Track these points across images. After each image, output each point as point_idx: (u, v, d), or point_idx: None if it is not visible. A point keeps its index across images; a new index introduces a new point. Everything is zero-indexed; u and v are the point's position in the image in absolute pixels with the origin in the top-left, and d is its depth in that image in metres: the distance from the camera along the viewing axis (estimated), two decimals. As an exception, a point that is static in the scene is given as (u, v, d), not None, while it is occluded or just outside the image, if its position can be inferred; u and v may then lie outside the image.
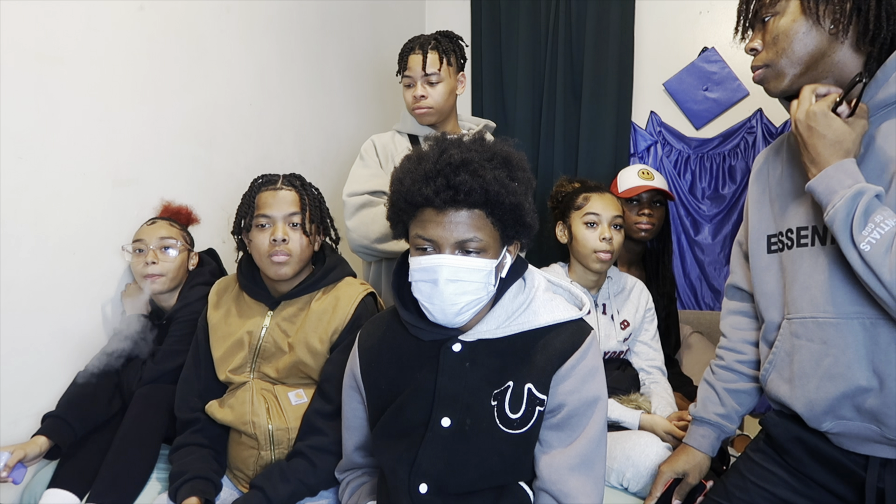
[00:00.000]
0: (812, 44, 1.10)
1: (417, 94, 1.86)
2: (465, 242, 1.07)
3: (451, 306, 1.09)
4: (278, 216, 1.42)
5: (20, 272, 1.47)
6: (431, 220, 1.08)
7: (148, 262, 1.64)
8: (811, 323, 1.12)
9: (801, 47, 1.10)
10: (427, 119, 1.90)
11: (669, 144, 2.77)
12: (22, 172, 1.46)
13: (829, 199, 1.03)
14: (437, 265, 1.07)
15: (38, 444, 1.42)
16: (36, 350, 1.52)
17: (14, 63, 1.43)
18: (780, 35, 1.11)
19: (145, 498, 1.44)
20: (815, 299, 1.12)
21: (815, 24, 1.08)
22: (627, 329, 1.83)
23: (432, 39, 1.89)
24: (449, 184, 1.05)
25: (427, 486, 1.12)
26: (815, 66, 1.11)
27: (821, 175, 1.04)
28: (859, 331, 1.07)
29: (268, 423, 1.40)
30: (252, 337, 1.45)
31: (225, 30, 2.01)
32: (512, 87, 2.94)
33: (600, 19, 2.73)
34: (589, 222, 1.75)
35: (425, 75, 1.86)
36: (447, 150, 1.08)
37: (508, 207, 1.08)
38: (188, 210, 1.81)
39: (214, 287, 1.55)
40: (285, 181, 1.48)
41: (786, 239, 1.20)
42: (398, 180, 1.12)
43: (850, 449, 1.12)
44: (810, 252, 1.14)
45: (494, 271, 1.11)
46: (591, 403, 1.13)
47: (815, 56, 1.10)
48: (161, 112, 1.80)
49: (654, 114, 2.81)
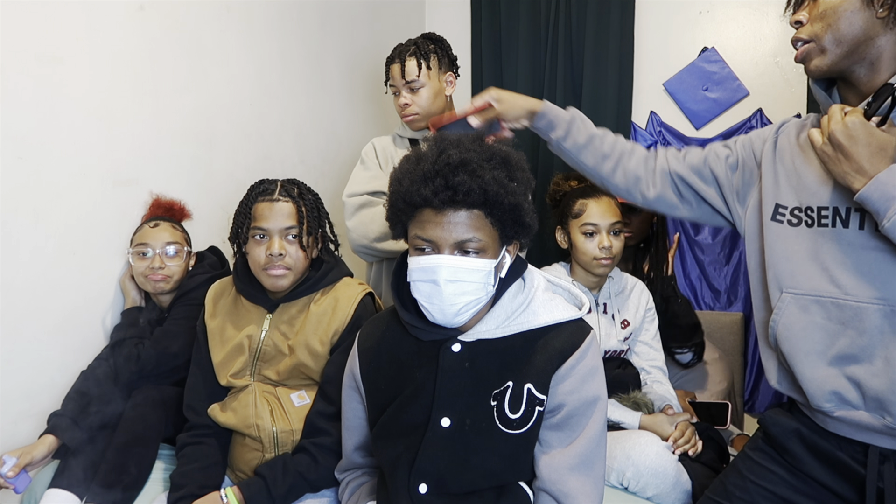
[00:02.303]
0: (859, 24, 1.08)
1: (401, 102, 1.91)
2: (464, 243, 1.07)
3: (451, 306, 1.09)
4: (274, 229, 1.39)
5: (20, 272, 1.47)
6: (430, 221, 1.08)
7: (154, 267, 1.64)
8: (829, 303, 1.11)
9: (847, 26, 1.09)
10: (417, 125, 1.93)
11: (669, 144, 2.77)
12: (22, 172, 1.46)
13: (888, 205, 1.01)
14: (436, 265, 1.07)
15: (47, 444, 1.42)
16: (36, 350, 1.52)
17: (14, 63, 1.43)
18: (829, 11, 1.10)
19: (145, 498, 1.44)
20: (839, 281, 1.11)
21: (866, 5, 1.08)
22: (628, 329, 1.83)
23: (411, 45, 1.91)
24: (447, 184, 1.04)
25: (427, 486, 1.12)
26: (857, 49, 1.10)
27: (873, 183, 1.02)
28: (879, 317, 1.07)
29: (272, 425, 1.40)
30: (252, 341, 1.45)
31: (225, 30, 2.01)
32: (512, 88, 2.93)
33: (600, 19, 2.73)
34: (587, 232, 1.74)
35: (406, 83, 1.89)
36: (445, 150, 1.08)
37: (507, 208, 1.08)
38: (181, 205, 1.80)
39: (210, 292, 1.54)
40: (282, 191, 1.43)
41: (803, 215, 1.18)
42: (397, 180, 1.12)
43: (847, 436, 1.12)
44: (832, 233, 1.13)
45: (493, 271, 1.11)
46: (591, 403, 1.13)
47: (861, 38, 1.09)
48: (161, 112, 1.80)
49: (654, 114, 2.81)
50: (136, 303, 1.71)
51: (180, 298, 1.67)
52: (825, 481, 1.17)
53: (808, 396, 1.14)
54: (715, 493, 1.29)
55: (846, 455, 1.13)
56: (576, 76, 2.81)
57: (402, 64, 1.89)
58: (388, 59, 1.94)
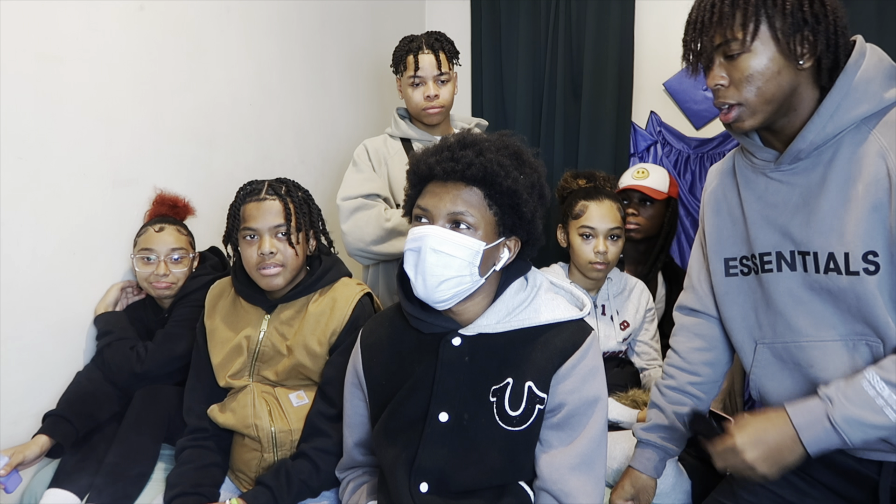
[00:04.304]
0: (787, 81, 1.06)
1: (431, 93, 1.86)
2: (456, 215, 1.09)
3: (432, 277, 1.09)
4: (263, 228, 1.39)
5: (20, 272, 1.47)
6: (431, 192, 1.12)
7: (158, 274, 1.63)
8: (793, 347, 1.12)
9: (776, 87, 1.06)
10: (436, 119, 1.90)
11: (669, 144, 2.77)
12: (22, 172, 1.46)
13: (825, 434, 1.01)
14: (425, 234, 1.10)
15: (39, 444, 1.42)
16: (36, 350, 1.52)
17: (14, 63, 1.43)
18: (756, 75, 1.05)
19: (145, 498, 1.44)
20: (795, 324, 1.13)
21: (789, 60, 1.05)
22: (627, 329, 1.83)
23: (434, 40, 1.89)
24: (452, 156, 1.09)
25: (428, 484, 1.12)
26: (784, 102, 1.09)
27: (808, 446, 1.02)
28: (843, 351, 1.08)
29: (270, 425, 1.40)
30: (250, 342, 1.45)
31: (225, 30, 2.01)
32: (512, 87, 2.94)
33: (600, 19, 2.73)
34: (584, 234, 1.74)
35: (439, 74, 1.86)
36: (465, 135, 1.14)
37: (505, 191, 1.09)
38: (185, 202, 1.79)
39: (210, 293, 1.54)
40: (269, 190, 1.43)
41: (750, 263, 1.20)
42: (413, 155, 1.18)
43: (862, 457, 1.11)
44: (776, 278, 1.14)
45: (482, 254, 1.11)
46: (592, 403, 1.13)
47: (788, 93, 1.08)
48: (161, 112, 1.80)
49: (654, 114, 2.81)
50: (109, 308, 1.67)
51: (183, 299, 1.66)
52: (835, 487, 1.16)
53: None
54: (722, 495, 1.28)
55: (859, 465, 1.12)
56: (576, 76, 2.81)
57: (437, 54, 1.86)
58: (408, 48, 1.89)
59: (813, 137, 1.07)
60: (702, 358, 1.34)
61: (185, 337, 1.59)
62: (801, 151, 1.09)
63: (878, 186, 1.01)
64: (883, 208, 1.01)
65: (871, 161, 1.03)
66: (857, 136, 1.06)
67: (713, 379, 1.35)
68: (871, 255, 1.02)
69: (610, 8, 2.72)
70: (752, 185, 1.20)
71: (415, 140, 1.95)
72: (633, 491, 1.35)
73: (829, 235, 1.06)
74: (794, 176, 1.12)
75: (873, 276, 1.02)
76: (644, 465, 1.35)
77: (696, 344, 1.35)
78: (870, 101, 1.05)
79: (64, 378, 1.58)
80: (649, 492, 1.35)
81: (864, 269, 1.02)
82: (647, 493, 1.35)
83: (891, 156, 1.01)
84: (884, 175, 1.01)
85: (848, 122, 1.05)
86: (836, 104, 1.05)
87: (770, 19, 1.04)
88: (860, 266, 1.02)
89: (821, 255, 1.07)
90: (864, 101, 1.05)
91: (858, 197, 1.03)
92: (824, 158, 1.08)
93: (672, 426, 1.34)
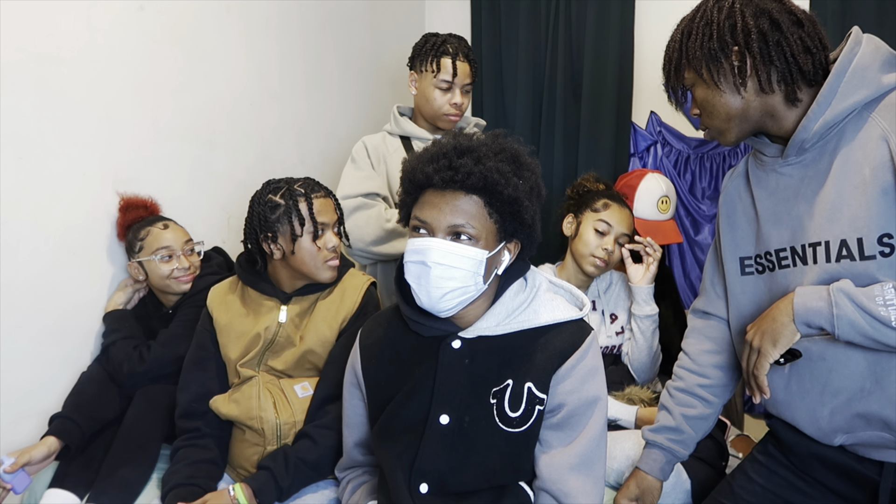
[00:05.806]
0: (736, 104, 1.12)
1: (457, 101, 1.87)
2: (457, 227, 1.08)
3: (436, 289, 1.09)
4: (329, 223, 1.47)
5: (20, 272, 1.47)
6: (429, 202, 1.10)
7: (183, 268, 1.65)
8: (806, 341, 1.12)
9: (724, 110, 1.13)
10: (453, 125, 1.92)
11: (669, 144, 2.77)
12: (22, 172, 1.46)
13: (817, 302, 1.02)
14: (427, 247, 1.08)
15: (48, 446, 1.42)
16: (36, 350, 1.52)
17: (14, 63, 1.43)
18: (704, 104, 1.15)
19: (146, 498, 1.44)
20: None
21: (733, 89, 1.11)
22: (617, 322, 1.86)
23: (468, 49, 1.89)
24: (450, 165, 1.07)
25: (427, 485, 1.13)
26: (747, 117, 1.13)
27: (796, 310, 1.04)
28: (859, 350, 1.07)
29: (275, 417, 1.41)
30: (268, 331, 1.47)
31: (225, 30, 2.01)
32: (512, 87, 2.94)
33: (600, 19, 2.73)
34: (599, 229, 1.79)
35: (468, 83, 1.88)
36: (458, 137, 1.12)
37: (506, 199, 1.08)
38: (152, 200, 1.74)
39: (211, 295, 1.55)
40: (319, 186, 1.51)
41: (765, 261, 1.20)
42: (407, 162, 1.15)
43: (865, 455, 1.11)
44: (794, 273, 1.14)
45: (485, 263, 1.11)
46: (591, 403, 1.13)
47: (744, 109, 1.12)
48: (161, 112, 1.80)
49: (654, 114, 2.80)
50: (119, 307, 1.68)
51: (189, 299, 1.66)
52: (836, 487, 1.16)
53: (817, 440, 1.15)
54: (721, 495, 1.29)
55: (861, 465, 1.12)
56: (576, 76, 2.81)
57: (471, 65, 1.88)
58: (447, 51, 1.86)
59: (814, 126, 1.08)
60: (712, 360, 1.34)
61: (189, 338, 1.59)
62: (805, 141, 1.10)
63: (884, 170, 1.02)
64: (892, 191, 1.01)
65: (874, 145, 1.03)
66: (859, 121, 1.07)
67: (723, 383, 1.34)
68: (885, 237, 1.01)
69: (610, 8, 2.71)
70: (763, 183, 1.21)
71: (415, 138, 1.95)
72: (638, 491, 1.35)
73: (841, 222, 1.06)
74: (802, 168, 1.13)
75: (888, 258, 1.01)
76: (650, 467, 1.35)
77: (707, 346, 1.35)
78: (868, 87, 1.06)
79: (64, 378, 1.58)
80: (654, 493, 1.35)
81: (881, 252, 1.01)
82: (651, 494, 1.35)
83: (892, 137, 1.02)
84: (888, 158, 1.02)
85: (848, 109, 1.06)
86: (834, 91, 1.06)
87: (693, 63, 1.13)
88: (875, 250, 1.02)
89: (832, 243, 1.06)
90: (862, 87, 1.06)
91: (867, 181, 1.03)
92: (829, 147, 1.09)
93: (679, 428, 1.34)
